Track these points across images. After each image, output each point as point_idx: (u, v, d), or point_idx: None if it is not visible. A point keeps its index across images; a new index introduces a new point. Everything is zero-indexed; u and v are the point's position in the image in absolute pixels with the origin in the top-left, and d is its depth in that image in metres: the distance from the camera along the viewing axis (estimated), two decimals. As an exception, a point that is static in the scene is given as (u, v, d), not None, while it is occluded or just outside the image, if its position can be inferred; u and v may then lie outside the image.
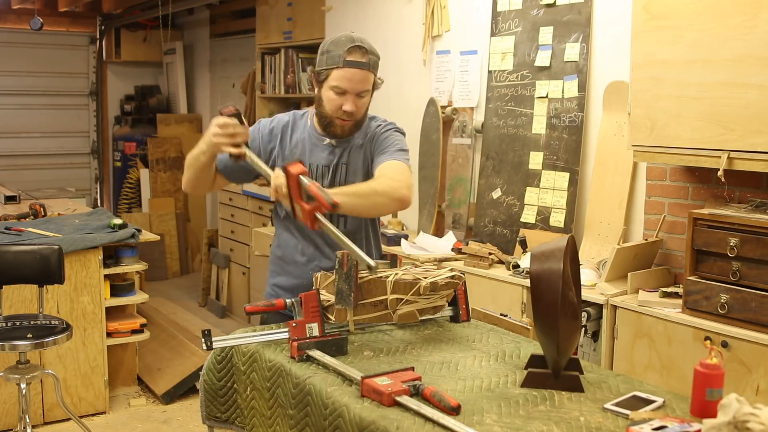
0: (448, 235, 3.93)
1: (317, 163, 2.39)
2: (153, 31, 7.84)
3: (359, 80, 2.24)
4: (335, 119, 2.30)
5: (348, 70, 2.22)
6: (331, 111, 2.29)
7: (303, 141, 2.40)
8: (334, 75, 2.23)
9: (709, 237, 2.63)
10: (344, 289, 2.04)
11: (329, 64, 2.24)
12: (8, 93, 7.72)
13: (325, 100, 2.29)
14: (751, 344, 2.49)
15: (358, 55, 2.22)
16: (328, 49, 2.25)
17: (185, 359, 4.48)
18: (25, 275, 3.38)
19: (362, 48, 2.23)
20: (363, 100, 2.29)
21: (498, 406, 1.68)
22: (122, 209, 7.72)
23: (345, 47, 2.21)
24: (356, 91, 2.25)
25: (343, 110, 2.26)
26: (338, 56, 2.21)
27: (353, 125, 2.33)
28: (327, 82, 2.26)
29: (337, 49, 2.22)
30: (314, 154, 2.39)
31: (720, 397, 1.56)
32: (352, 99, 2.25)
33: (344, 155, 2.39)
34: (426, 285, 2.05)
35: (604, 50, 3.42)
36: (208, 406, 2.22)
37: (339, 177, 2.39)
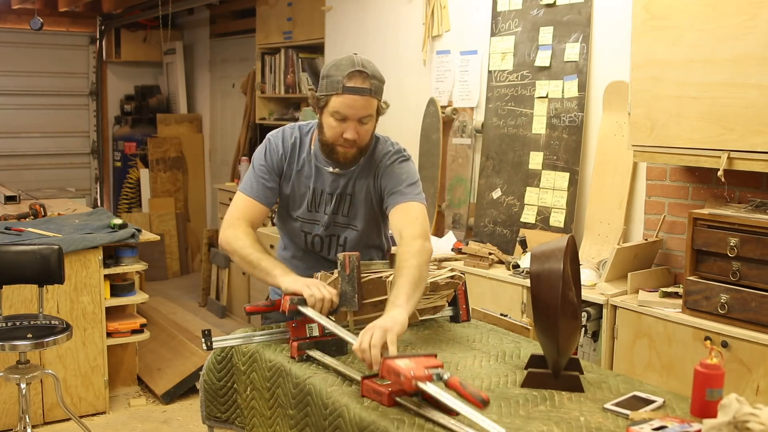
0: (448, 235, 3.93)
1: (321, 189, 2.32)
2: (153, 31, 7.84)
3: (360, 107, 2.14)
4: (337, 147, 2.20)
5: (348, 96, 2.12)
6: (333, 138, 2.19)
7: (309, 163, 2.32)
8: (334, 101, 2.14)
9: (709, 237, 2.63)
10: (348, 291, 2.04)
11: (329, 90, 2.15)
12: (8, 93, 7.72)
13: (326, 127, 2.19)
14: (751, 344, 2.49)
15: (359, 81, 2.12)
16: (329, 74, 2.16)
17: (185, 359, 4.48)
18: (25, 275, 3.38)
19: (363, 73, 2.13)
20: (365, 127, 2.19)
21: (498, 406, 1.68)
22: (122, 209, 7.72)
23: (345, 72, 2.12)
24: (357, 117, 2.15)
25: (344, 138, 2.17)
26: (338, 82, 2.12)
27: (357, 153, 2.23)
28: (327, 108, 2.17)
29: (337, 74, 2.13)
30: (319, 179, 2.32)
31: (720, 397, 1.56)
32: (353, 126, 2.16)
33: (349, 185, 2.31)
34: (426, 285, 2.05)
35: (604, 50, 3.42)
36: (208, 406, 2.22)
37: (343, 208, 2.33)
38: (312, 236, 2.36)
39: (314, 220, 2.35)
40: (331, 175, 2.30)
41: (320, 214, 2.34)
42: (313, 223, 2.35)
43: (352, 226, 2.34)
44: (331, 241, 2.36)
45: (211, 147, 7.79)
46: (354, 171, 2.30)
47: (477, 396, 1.53)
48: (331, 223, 2.33)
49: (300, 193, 2.34)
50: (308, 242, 2.38)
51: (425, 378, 1.60)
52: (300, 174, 2.33)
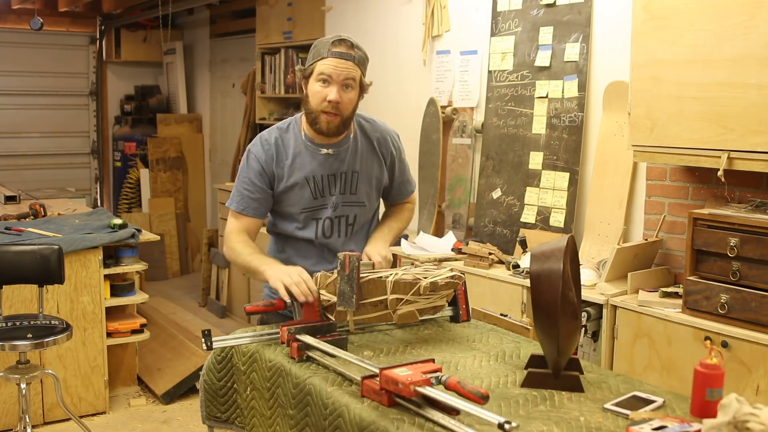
0: (448, 235, 3.93)
1: (320, 174, 2.35)
2: (153, 31, 7.84)
3: (344, 68, 2.24)
4: (320, 114, 2.27)
5: (333, 59, 2.24)
6: (317, 104, 2.27)
7: (300, 154, 2.36)
8: (319, 65, 2.25)
9: (709, 237, 2.63)
10: (346, 291, 2.04)
11: (315, 57, 2.27)
12: (8, 93, 7.72)
13: (311, 94, 2.28)
14: (751, 344, 2.49)
15: (344, 47, 2.25)
16: (315, 46, 2.30)
17: (185, 359, 4.48)
18: (25, 275, 3.38)
19: (348, 41, 2.26)
20: (348, 95, 2.27)
21: (498, 406, 1.68)
22: (122, 209, 7.72)
23: (331, 40, 2.26)
24: (341, 78, 2.23)
25: (328, 100, 2.24)
26: (324, 49, 2.25)
27: (340, 123, 2.29)
28: (313, 75, 2.27)
29: (323, 44, 2.27)
30: (314, 166, 2.36)
31: (720, 397, 1.56)
32: (336, 89, 2.24)
33: (353, 163, 2.38)
34: (426, 285, 2.05)
35: (604, 50, 3.42)
36: (208, 406, 2.22)
37: (351, 186, 2.38)
38: (322, 221, 2.40)
39: (321, 205, 2.39)
40: (325, 157, 2.36)
41: (326, 197, 2.38)
42: (321, 208, 2.39)
43: (359, 203, 2.42)
44: (341, 221, 2.41)
45: (211, 147, 7.79)
46: (353, 147, 2.39)
47: (476, 392, 1.53)
48: (340, 203, 2.39)
49: (299, 187, 2.36)
50: (318, 229, 2.40)
51: (424, 383, 1.61)
52: (293, 167, 2.36)
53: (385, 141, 2.45)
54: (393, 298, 2.05)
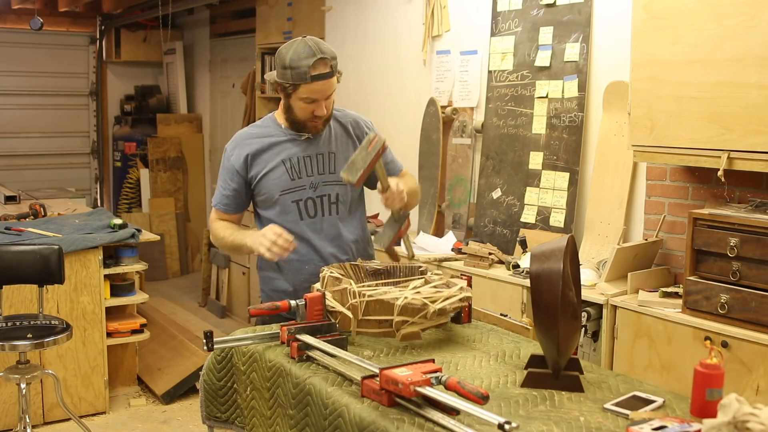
0: (448, 235, 3.93)
1: (297, 156, 2.47)
2: (153, 31, 7.84)
3: (327, 88, 2.37)
4: (308, 122, 2.43)
5: (316, 83, 2.33)
6: (304, 117, 2.42)
7: (275, 142, 2.49)
8: (303, 89, 2.34)
9: (709, 237, 2.63)
10: (357, 163, 2.14)
11: (296, 80, 2.33)
12: (8, 93, 7.72)
13: (296, 108, 2.41)
14: (751, 344, 2.49)
15: (323, 67, 2.32)
16: (291, 65, 2.32)
17: (185, 359, 4.48)
18: (25, 275, 3.38)
19: (324, 59, 2.32)
20: (329, 100, 2.42)
21: (498, 406, 1.68)
22: (122, 209, 7.72)
23: (309, 62, 2.30)
24: (324, 97, 2.37)
25: (316, 115, 2.39)
26: (304, 72, 2.31)
27: (324, 122, 2.46)
28: (296, 94, 2.37)
29: (301, 65, 2.31)
30: (290, 149, 2.48)
31: (720, 397, 1.56)
32: (322, 104, 2.38)
33: (329, 144, 2.50)
34: (434, 311, 2.04)
35: (604, 50, 3.42)
36: (208, 406, 2.22)
37: (329, 166, 2.48)
38: (304, 202, 2.47)
39: (300, 186, 2.47)
40: (305, 142, 2.48)
41: (304, 179, 2.47)
42: (299, 189, 2.47)
43: (339, 182, 2.47)
44: (323, 200, 2.49)
45: (211, 147, 7.79)
46: (327, 134, 2.51)
47: (476, 393, 1.53)
48: (320, 183, 2.48)
49: (274, 172, 2.47)
50: (302, 210, 2.48)
51: (424, 383, 1.61)
52: (268, 155, 2.47)
53: (357, 124, 2.58)
54: (399, 320, 2.03)
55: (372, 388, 1.70)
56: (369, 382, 1.71)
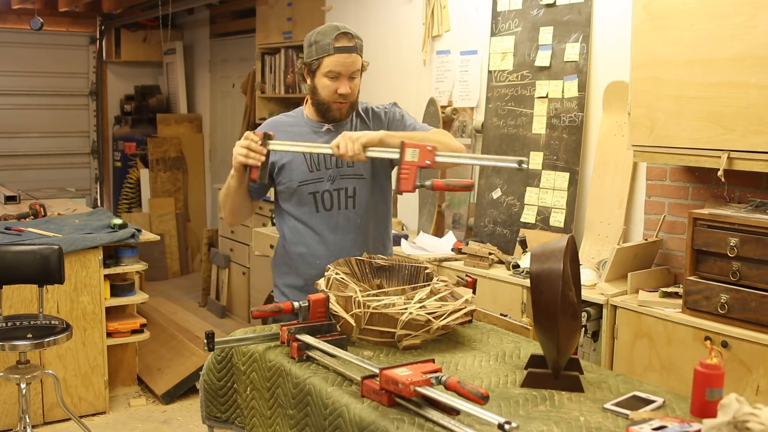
0: (448, 235, 3.93)
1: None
2: (153, 31, 7.84)
3: (350, 63, 2.37)
4: (332, 104, 2.42)
5: (339, 55, 2.34)
6: (328, 96, 2.40)
7: (298, 132, 2.48)
8: (326, 62, 2.35)
9: (709, 237, 2.63)
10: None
11: (320, 53, 2.36)
12: (8, 93, 7.72)
13: (320, 87, 2.40)
14: (751, 344, 2.49)
15: (346, 41, 2.35)
16: (316, 40, 2.37)
17: (185, 359, 4.48)
18: (25, 275, 3.38)
19: (348, 34, 2.36)
20: (355, 82, 2.41)
21: (498, 406, 1.67)
22: (122, 209, 7.72)
23: (332, 35, 2.34)
24: (349, 73, 2.37)
25: (339, 93, 2.38)
26: (328, 44, 2.34)
27: (349, 107, 2.45)
28: (320, 70, 2.37)
29: (325, 39, 2.35)
30: (312, 139, 2.46)
31: (720, 397, 1.56)
32: (345, 81, 2.37)
33: None
34: (438, 326, 2.03)
35: (604, 50, 3.42)
36: (208, 406, 2.22)
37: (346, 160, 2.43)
38: (321, 194, 2.46)
39: (318, 179, 2.46)
40: (326, 134, 2.47)
41: (322, 171, 2.46)
42: (317, 181, 2.46)
43: (358, 176, 2.47)
44: (340, 194, 2.46)
45: (211, 147, 7.79)
46: (349, 125, 2.49)
47: (476, 393, 1.53)
48: (337, 176, 2.46)
49: (295, 161, 2.46)
50: (318, 202, 2.46)
51: (424, 383, 1.61)
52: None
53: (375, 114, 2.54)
54: (402, 333, 2.03)
55: (372, 388, 1.70)
56: (369, 382, 1.71)
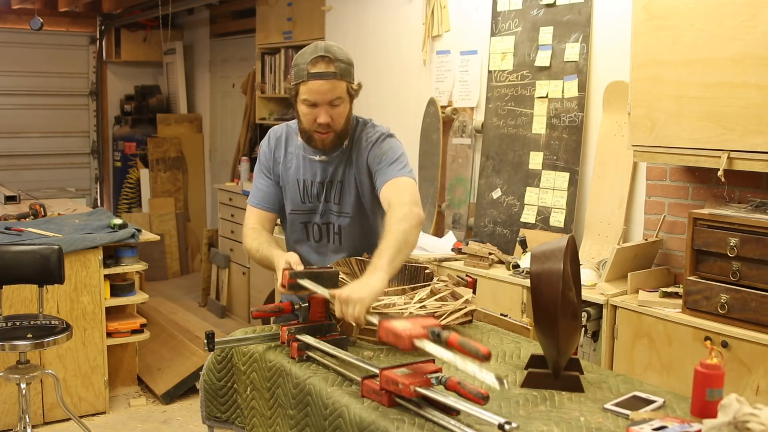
0: (448, 235, 3.93)
1: (312, 179, 2.37)
2: (153, 31, 7.84)
3: (326, 90, 2.18)
4: (313, 133, 2.26)
5: (313, 82, 2.18)
6: (308, 125, 2.26)
7: (297, 156, 2.39)
8: (302, 89, 2.20)
9: (709, 237, 2.63)
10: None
11: (296, 78, 2.21)
12: (8, 93, 7.72)
13: (301, 115, 2.26)
14: (751, 344, 2.49)
15: (322, 66, 2.17)
16: (296, 62, 2.22)
17: (185, 359, 4.48)
18: (25, 275, 3.38)
19: (326, 57, 2.18)
20: (338, 110, 2.22)
21: (498, 406, 1.67)
22: (122, 209, 7.72)
23: (308, 59, 2.18)
24: (326, 101, 2.20)
25: (318, 123, 2.22)
26: (302, 70, 2.19)
27: (335, 137, 2.27)
28: (298, 96, 2.23)
29: (301, 62, 2.20)
30: (306, 170, 2.37)
31: (720, 397, 1.56)
32: (324, 110, 2.20)
33: (338, 172, 2.36)
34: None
35: (604, 50, 3.42)
36: (208, 406, 2.22)
37: (334, 195, 2.37)
38: (312, 225, 2.42)
39: (310, 210, 2.40)
40: (320, 164, 2.36)
41: (314, 203, 2.39)
42: (309, 212, 2.41)
43: (344, 214, 2.38)
44: (328, 228, 2.41)
45: (211, 147, 7.79)
46: (341, 158, 2.36)
47: (476, 393, 1.53)
48: (325, 210, 2.39)
49: (290, 187, 2.40)
50: (309, 232, 2.42)
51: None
52: (288, 168, 2.40)
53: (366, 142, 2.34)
54: None
55: (372, 388, 1.70)
56: (369, 382, 1.71)
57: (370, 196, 2.37)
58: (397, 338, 1.61)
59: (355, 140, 2.36)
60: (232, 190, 6.05)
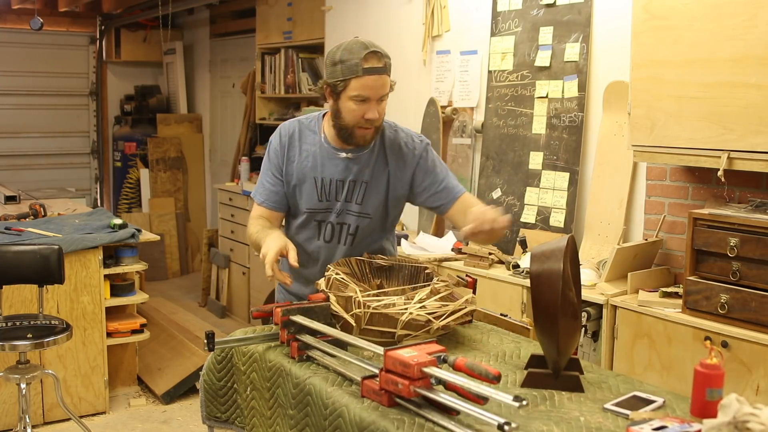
0: (448, 235, 3.93)
1: (330, 177, 2.32)
2: (153, 31, 7.84)
3: (380, 86, 2.18)
4: (356, 129, 2.23)
5: (368, 77, 2.15)
6: (353, 121, 2.21)
7: (314, 154, 2.33)
8: (354, 84, 2.16)
9: (709, 237, 2.63)
10: None
11: (346, 74, 2.16)
12: (8, 93, 7.72)
13: (345, 111, 2.21)
14: (751, 344, 2.49)
15: (375, 61, 2.16)
16: (342, 59, 2.17)
17: (185, 359, 4.48)
18: (25, 275, 3.38)
19: (378, 53, 2.17)
20: (383, 105, 2.24)
21: (498, 406, 1.67)
22: (122, 209, 7.72)
23: (360, 55, 2.15)
24: (377, 96, 2.19)
25: (366, 118, 2.20)
26: (356, 65, 2.15)
27: (374, 132, 2.27)
28: (346, 92, 2.18)
29: (352, 58, 2.15)
30: (327, 167, 2.32)
31: (720, 397, 1.56)
32: (374, 105, 2.20)
33: (364, 172, 2.32)
34: (438, 327, 2.03)
35: (604, 50, 3.42)
36: (208, 406, 2.22)
37: (357, 195, 2.32)
38: (325, 224, 2.37)
39: (326, 209, 2.35)
40: (343, 161, 2.31)
41: (331, 202, 2.34)
42: (325, 211, 2.35)
43: (364, 215, 2.34)
44: (342, 228, 2.35)
45: (211, 147, 7.79)
46: (369, 157, 2.32)
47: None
48: (343, 210, 2.34)
49: (306, 185, 2.34)
50: (321, 231, 2.37)
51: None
52: (303, 166, 2.34)
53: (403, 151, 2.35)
54: (402, 333, 2.02)
55: (372, 388, 1.70)
56: (369, 382, 1.71)
57: (397, 202, 2.38)
58: (406, 367, 1.60)
59: (387, 142, 2.35)
60: (232, 190, 6.05)
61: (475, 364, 1.57)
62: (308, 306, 2.04)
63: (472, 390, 1.54)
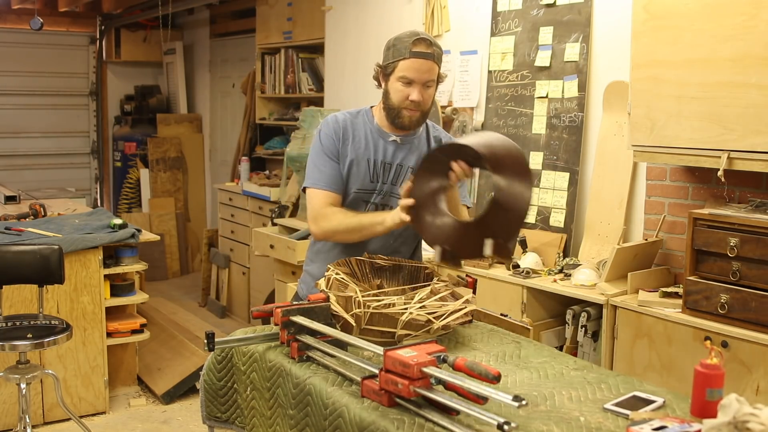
0: (448, 235, 3.92)
1: (382, 159, 2.42)
2: (153, 31, 7.84)
3: (425, 70, 2.29)
4: (403, 110, 2.35)
5: (414, 60, 2.28)
6: (399, 102, 2.34)
7: (366, 137, 2.43)
8: (401, 66, 2.29)
9: (709, 237, 2.63)
10: None
11: (395, 56, 2.30)
12: (8, 93, 7.72)
13: (392, 91, 2.34)
14: (751, 344, 2.49)
15: (423, 47, 2.28)
16: (394, 44, 2.32)
17: (185, 359, 4.48)
18: (25, 275, 3.38)
19: (427, 40, 2.30)
20: (429, 91, 2.34)
21: (498, 406, 1.67)
22: (122, 209, 7.72)
23: (411, 40, 2.29)
24: (422, 80, 2.30)
25: (410, 100, 2.31)
26: (404, 48, 2.28)
27: (420, 116, 2.38)
28: (394, 74, 2.31)
29: (402, 42, 2.30)
30: (378, 149, 2.42)
31: (720, 397, 1.56)
32: (418, 89, 2.30)
33: (410, 158, 2.43)
34: (438, 327, 2.03)
35: (604, 50, 3.42)
36: (208, 406, 2.22)
37: (402, 179, 2.40)
38: (370, 205, 2.43)
39: (374, 190, 2.42)
40: (392, 144, 2.42)
41: (379, 184, 2.42)
42: (372, 192, 2.43)
43: None
44: (384, 210, 2.40)
45: (211, 147, 7.79)
46: (415, 144, 2.44)
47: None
48: (388, 192, 2.42)
49: (360, 167, 2.41)
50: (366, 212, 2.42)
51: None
52: (358, 150, 2.41)
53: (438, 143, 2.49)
54: (402, 333, 2.02)
55: (372, 388, 1.70)
56: (369, 382, 1.71)
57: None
58: (405, 367, 1.61)
59: (431, 132, 2.49)
60: (232, 190, 6.05)
61: (474, 364, 1.57)
62: (308, 306, 2.05)
63: (471, 390, 1.54)
